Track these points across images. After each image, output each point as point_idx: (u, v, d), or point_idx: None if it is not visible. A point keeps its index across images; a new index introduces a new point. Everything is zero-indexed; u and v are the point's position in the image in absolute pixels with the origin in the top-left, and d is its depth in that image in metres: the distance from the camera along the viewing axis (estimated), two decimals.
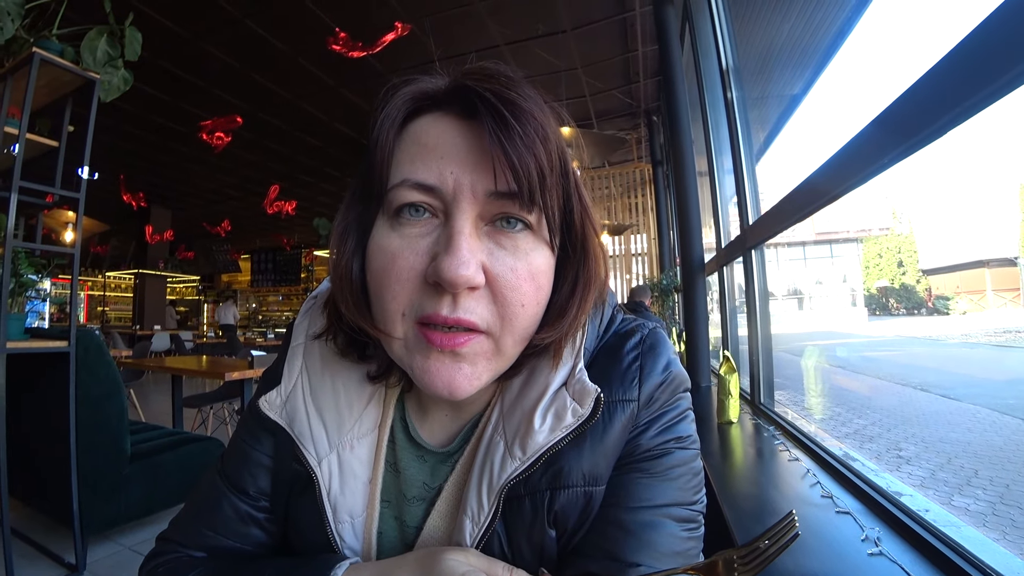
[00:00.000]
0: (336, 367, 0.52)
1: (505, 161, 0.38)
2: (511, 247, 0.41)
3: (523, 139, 0.38)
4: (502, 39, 4.87)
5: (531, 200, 0.39)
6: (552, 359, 0.47)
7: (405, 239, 0.41)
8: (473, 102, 0.40)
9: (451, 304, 0.39)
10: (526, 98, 0.40)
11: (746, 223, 1.99)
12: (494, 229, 0.41)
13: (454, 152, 0.40)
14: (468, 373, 0.41)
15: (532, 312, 0.42)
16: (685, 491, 0.46)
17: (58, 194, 2.22)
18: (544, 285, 0.43)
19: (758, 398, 1.90)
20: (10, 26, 2.06)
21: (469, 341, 0.41)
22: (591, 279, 0.45)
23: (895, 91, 0.75)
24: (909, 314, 8.25)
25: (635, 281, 7.46)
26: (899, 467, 2.90)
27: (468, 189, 0.40)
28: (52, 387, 2.16)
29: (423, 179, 0.40)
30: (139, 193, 8.89)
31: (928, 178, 7.64)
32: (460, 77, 0.42)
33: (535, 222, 0.42)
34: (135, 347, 6.28)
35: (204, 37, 4.77)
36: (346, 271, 0.45)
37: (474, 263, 0.39)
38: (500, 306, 0.41)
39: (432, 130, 0.42)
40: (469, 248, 0.39)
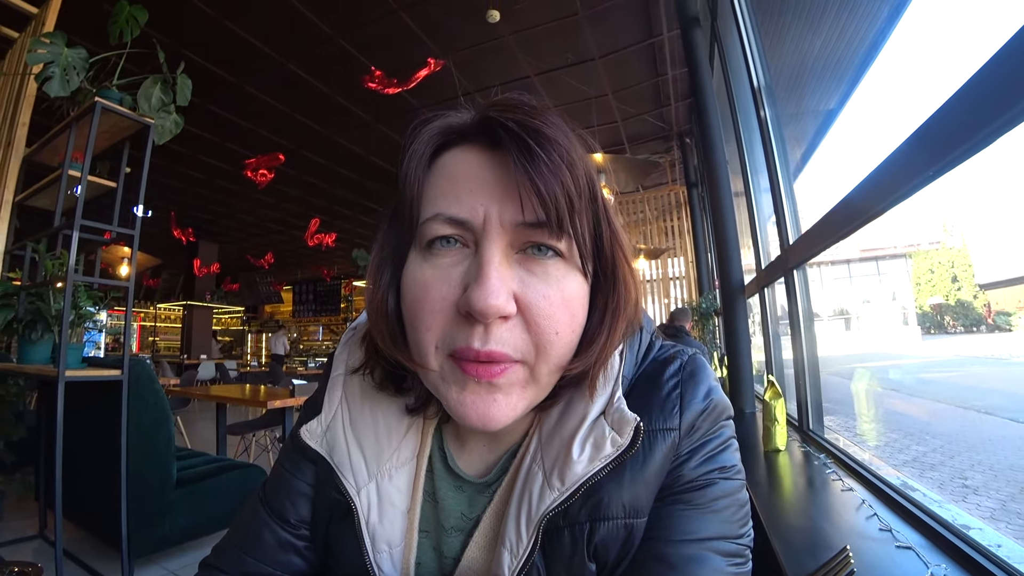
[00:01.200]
0: (375, 398, 0.52)
1: (531, 189, 0.38)
2: (542, 274, 0.41)
3: (548, 166, 0.38)
4: (532, 70, 4.97)
5: (560, 227, 0.39)
6: (587, 389, 0.46)
7: (437, 269, 0.41)
8: (498, 133, 0.40)
9: (483, 335, 0.39)
10: (550, 125, 0.40)
11: (786, 243, 1.94)
12: (525, 257, 0.41)
13: (482, 184, 0.41)
14: (503, 404, 0.41)
15: (567, 339, 0.42)
16: (731, 524, 0.44)
17: (115, 231, 2.36)
18: (578, 312, 0.43)
19: (806, 424, 1.81)
20: (76, 79, 2.24)
21: (505, 371, 0.40)
22: (620, 307, 0.44)
23: (937, 100, 0.72)
24: (967, 332, 7.78)
25: (673, 305, 7.32)
26: (965, 497, 2.70)
27: (496, 219, 0.40)
28: (104, 413, 2.26)
29: (454, 213, 0.41)
30: (188, 228, 9.38)
31: (981, 187, 7.26)
32: (484, 109, 0.42)
33: (566, 249, 0.41)
34: (182, 376, 6.53)
35: (249, 81, 5.06)
36: (382, 305, 0.46)
37: (504, 292, 0.39)
38: (534, 334, 0.40)
39: (460, 163, 0.42)
40: (499, 277, 0.39)
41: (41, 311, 2.30)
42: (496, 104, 0.42)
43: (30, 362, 2.34)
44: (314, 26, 4.24)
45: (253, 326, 17.04)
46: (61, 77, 2.20)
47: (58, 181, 2.36)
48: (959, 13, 1.27)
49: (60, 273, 2.27)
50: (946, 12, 1.51)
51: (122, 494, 2.10)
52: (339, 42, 4.47)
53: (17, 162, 2.59)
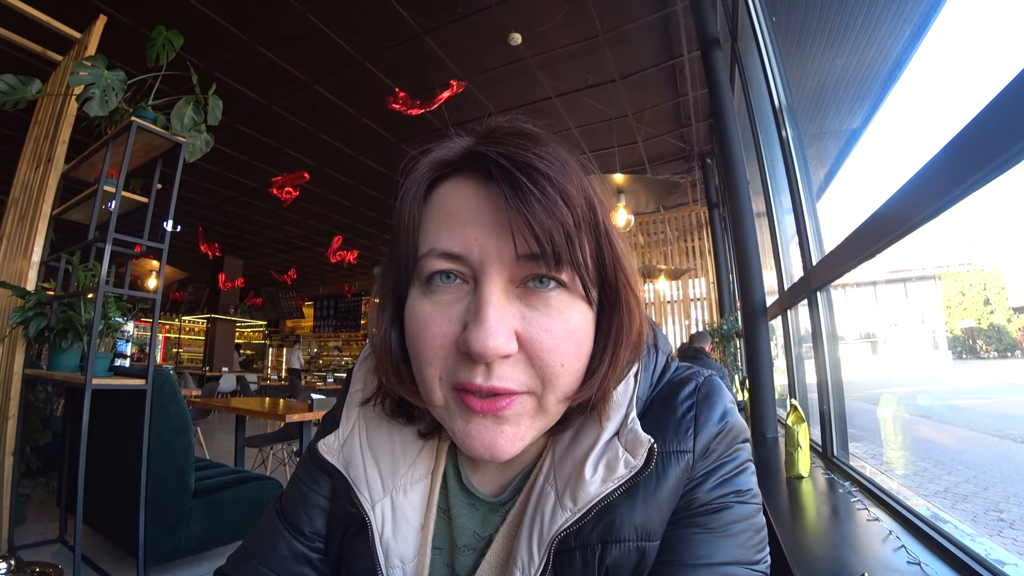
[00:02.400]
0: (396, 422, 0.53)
1: (525, 226, 0.37)
2: (544, 308, 0.40)
3: (541, 202, 0.37)
4: (553, 91, 5.03)
5: (557, 261, 0.38)
6: (596, 415, 0.45)
7: (437, 306, 0.41)
8: (488, 167, 0.39)
9: (485, 373, 0.39)
10: (543, 157, 0.39)
11: (809, 264, 1.91)
12: (526, 291, 0.41)
13: (477, 218, 0.40)
14: (510, 435, 0.41)
15: (573, 370, 0.41)
16: (746, 549, 0.43)
17: (145, 245, 2.43)
18: (584, 341, 0.42)
19: (831, 450, 1.76)
20: (114, 100, 2.34)
21: (511, 404, 0.40)
22: (623, 333, 0.43)
23: (965, 118, 0.71)
24: (1001, 357, 7.49)
25: (694, 327, 7.23)
26: (1000, 531, 2.58)
27: (494, 255, 0.39)
28: (126, 421, 2.30)
29: (449, 248, 0.40)
30: (215, 243, 9.62)
31: (1014, 206, 7.06)
32: (474, 142, 0.42)
33: (568, 279, 0.40)
34: (204, 387, 6.62)
35: (277, 102, 5.22)
36: (385, 341, 0.46)
37: (504, 333, 0.38)
38: (538, 368, 0.40)
39: (455, 197, 0.42)
40: (498, 317, 0.38)
41: (72, 320, 2.37)
42: (487, 136, 0.42)
43: (59, 369, 2.40)
44: (341, 50, 4.37)
45: (274, 340, 17.30)
46: (100, 98, 2.30)
47: (93, 196, 2.45)
48: (986, 29, 1.25)
49: (91, 284, 2.35)
50: (971, 29, 1.49)
51: (141, 502, 2.13)
52: (364, 65, 4.59)
53: (56, 178, 2.70)
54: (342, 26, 4.11)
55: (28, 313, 2.37)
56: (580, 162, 0.43)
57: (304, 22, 4.01)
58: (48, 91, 3.00)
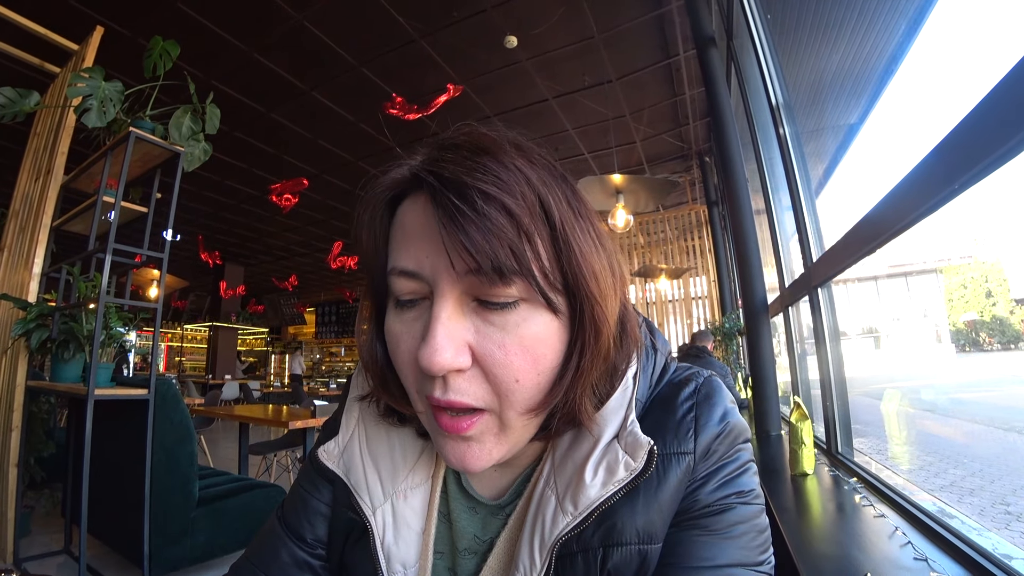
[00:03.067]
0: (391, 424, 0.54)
1: (460, 246, 0.37)
2: (500, 322, 0.39)
3: (473, 220, 0.36)
4: (550, 93, 5.04)
5: (500, 275, 0.37)
6: (583, 425, 0.44)
7: (404, 324, 0.42)
8: (424, 187, 0.40)
9: (443, 386, 0.40)
10: (476, 171, 0.38)
11: (809, 260, 1.90)
12: (480, 306, 0.40)
13: (426, 235, 0.40)
14: (477, 451, 0.42)
15: (531, 384, 0.40)
16: (749, 550, 0.43)
17: (145, 254, 2.43)
18: (545, 354, 0.41)
19: (835, 447, 1.75)
20: (112, 111, 2.35)
21: (473, 424, 0.41)
22: (588, 343, 0.41)
23: (962, 110, 0.71)
24: (1004, 349, 7.47)
25: (696, 326, 7.22)
26: (1008, 525, 2.57)
27: (443, 271, 0.39)
28: (130, 431, 2.30)
29: (404, 265, 0.41)
30: (215, 251, 9.63)
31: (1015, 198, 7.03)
32: (417, 163, 0.42)
33: (523, 292, 0.39)
34: (207, 395, 6.63)
35: (275, 109, 5.23)
36: (371, 353, 0.48)
37: (451, 348, 0.38)
38: (492, 383, 0.40)
39: (410, 214, 0.42)
40: (446, 333, 0.38)
41: (74, 331, 2.37)
42: (431, 153, 0.42)
43: (62, 380, 2.41)
44: (337, 55, 4.38)
45: (277, 347, 17.31)
46: (98, 109, 2.31)
47: (93, 207, 2.46)
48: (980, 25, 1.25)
49: (92, 295, 2.35)
50: (966, 24, 1.49)
51: (145, 511, 2.13)
52: (361, 70, 4.60)
53: (56, 189, 2.70)
54: (338, 32, 4.12)
55: (30, 325, 2.38)
56: (534, 166, 0.41)
57: (300, 29, 4.02)
58: (46, 103, 3.01)
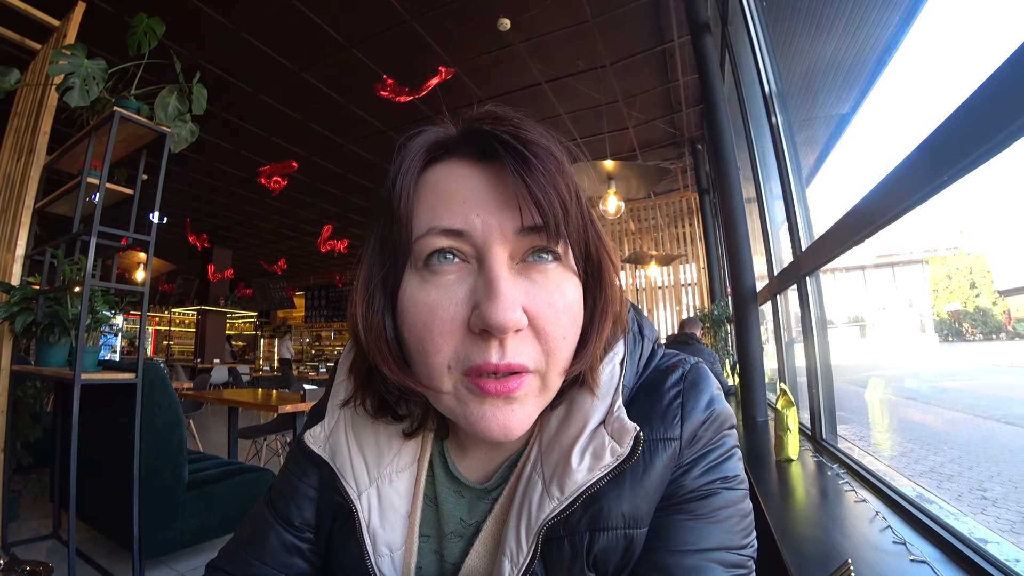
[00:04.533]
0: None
1: (529, 197, 0.39)
2: (544, 282, 0.41)
3: (544, 175, 0.39)
4: (543, 77, 4.99)
5: (557, 232, 0.40)
6: (587, 389, 0.46)
7: (441, 289, 0.40)
8: (489, 144, 0.41)
9: (500, 350, 0.39)
10: (541, 135, 0.41)
11: (798, 249, 1.92)
12: (526, 265, 0.42)
13: (476, 195, 0.41)
14: (520, 413, 0.41)
15: (572, 343, 0.43)
16: (733, 534, 0.44)
17: (132, 237, 2.40)
18: (579, 315, 0.43)
19: (819, 433, 1.78)
20: (95, 89, 2.29)
21: (521, 384, 0.40)
22: (607, 307, 0.45)
23: (952, 103, 0.71)
24: (986, 339, 7.61)
25: (685, 312, 7.27)
26: (984, 509, 2.64)
27: (497, 230, 0.40)
28: (118, 416, 2.29)
29: (449, 224, 0.40)
30: (203, 235, 9.51)
31: (1000, 191, 7.07)
32: (472, 122, 0.43)
33: (563, 253, 0.42)
34: (196, 379, 6.60)
35: (263, 90, 5.14)
36: (381, 332, 0.44)
37: (517, 307, 0.39)
38: (544, 343, 0.41)
39: (450, 176, 0.42)
40: (510, 290, 0.39)
41: (59, 315, 2.34)
42: (482, 117, 0.43)
43: (47, 365, 2.38)
44: (327, 36, 4.30)
45: (266, 331, 17.21)
46: (81, 87, 2.25)
47: (77, 188, 2.41)
48: (972, 19, 1.25)
49: (78, 278, 2.32)
50: (958, 18, 1.50)
51: (134, 496, 2.13)
52: (352, 51, 4.52)
53: (38, 170, 2.64)
54: (329, 12, 4.04)
55: (14, 308, 2.34)
56: (567, 147, 0.45)
57: (290, 8, 3.94)
58: (27, 81, 2.94)
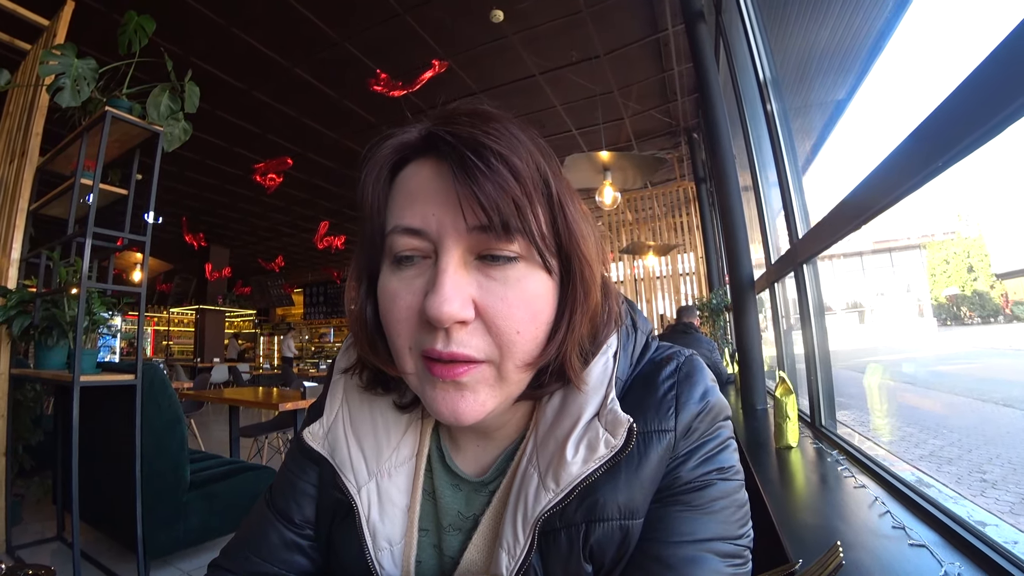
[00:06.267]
0: (374, 399, 0.54)
1: (472, 197, 0.39)
2: (501, 277, 0.42)
3: (486, 174, 0.39)
4: (537, 69, 4.96)
5: (505, 231, 0.40)
6: (572, 382, 0.46)
7: (403, 281, 0.43)
8: (439, 145, 0.42)
9: (445, 339, 0.41)
10: (489, 133, 0.41)
11: (795, 237, 1.92)
12: (484, 263, 0.42)
13: (433, 194, 0.42)
14: (471, 400, 0.42)
15: (530, 337, 0.42)
16: (729, 524, 0.44)
17: (127, 238, 2.39)
18: (542, 309, 0.43)
19: (818, 420, 1.79)
20: (86, 89, 2.27)
21: (468, 371, 0.42)
22: (578, 301, 0.45)
23: (949, 87, 0.71)
24: (984, 323, 7.64)
25: (684, 302, 7.28)
26: (983, 492, 2.66)
27: (450, 227, 0.41)
28: (119, 417, 2.29)
29: (410, 223, 0.42)
30: (199, 233, 9.48)
31: (997, 175, 7.08)
32: (430, 124, 0.44)
33: (523, 250, 0.42)
34: (196, 379, 6.60)
35: (256, 87, 5.10)
36: (360, 315, 0.49)
37: (459, 299, 0.40)
38: (495, 335, 0.41)
39: (415, 177, 0.44)
40: (453, 285, 0.40)
41: (56, 317, 2.34)
42: (440, 118, 0.44)
43: (46, 367, 2.38)
44: (320, 31, 4.27)
45: (265, 329, 17.21)
46: (72, 88, 2.24)
47: (71, 190, 2.40)
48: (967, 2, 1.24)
49: (74, 280, 2.31)
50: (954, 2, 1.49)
51: (137, 496, 2.13)
52: (344, 46, 4.49)
53: (31, 171, 2.63)
54: (320, 6, 4.01)
55: (11, 312, 2.34)
56: (534, 141, 0.45)
57: (282, 3, 3.90)
58: (18, 82, 2.91)
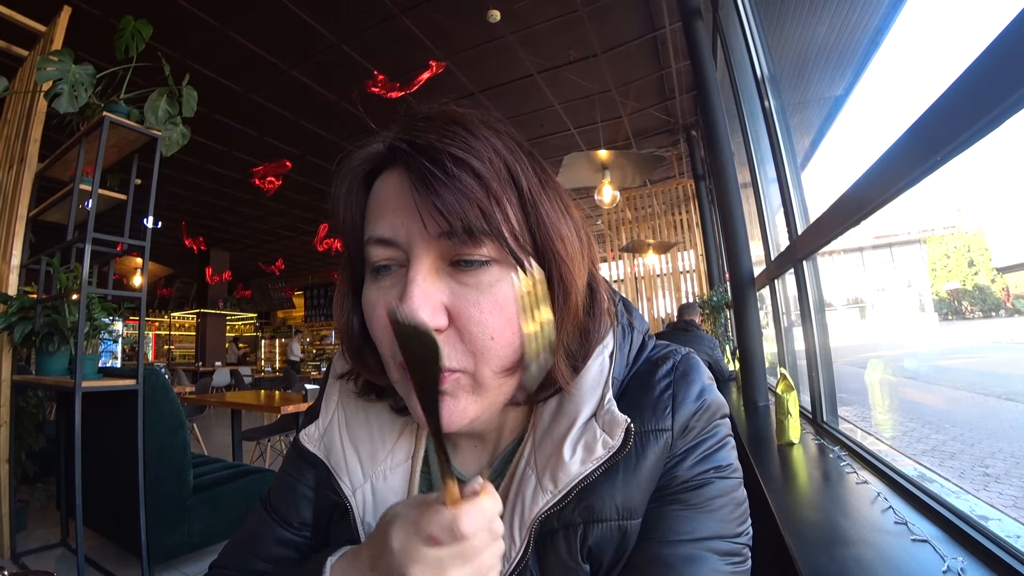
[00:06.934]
0: (369, 401, 0.54)
1: (431, 206, 0.39)
2: (474, 283, 0.41)
3: (443, 181, 0.39)
4: (535, 68, 4.96)
5: (471, 236, 0.39)
6: (563, 387, 0.46)
7: (380, 291, 0.44)
8: (398, 155, 0.42)
9: None
10: (445, 138, 0.40)
11: (795, 233, 1.92)
12: (456, 269, 0.42)
13: (401, 204, 0.42)
14: (452, 407, 0.42)
15: (505, 342, 0.42)
16: (727, 523, 0.44)
17: (127, 243, 2.39)
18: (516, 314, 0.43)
19: (820, 416, 1.79)
20: (84, 95, 2.27)
21: (445, 379, 0.41)
22: (555, 301, 0.44)
23: (947, 81, 0.71)
24: (985, 317, 7.63)
25: (684, 299, 7.27)
26: (986, 486, 2.66)
27: (419, 235, 0.41)
28: (121, 422, 2.29)
29: (381, 234, 0.43)
30: (199, 237, 9.49)
31: (997, 168, 7.06)
32: (392, 135, 0.44)
33: (496, 254, 0.41)
34: (197, 383, 6.60)
35: (254, 90, 5.10)
36: (347, 327, 0.49)
37: (428, 308, 0.40)
38: (468, 342, 0.41)
39: (385, 187, 0.44)
40: (422, 294, 0.40)
41: (57, 323, 2.34)
42: (404, 125, 0.44)
43: (48, 374, 2.38)
44: (316, 33, 4.27)
45: (266, 332, 17.20)
46: (70, 93, 2.24)
47: (70, 195, 2.40)
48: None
49: (74, 286, 2.31)
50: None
51: (140, 501, 2.14)
52: (341, 48, 4.49)
53: (30, 178, 2.63)
54: (316, 8, 4.01)
55: (12, 318, 2.34)
56: (501, 138, 0.44)
57: (277, 5, 3.90)
58: (15, 88, 2.92)
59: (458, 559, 0.35)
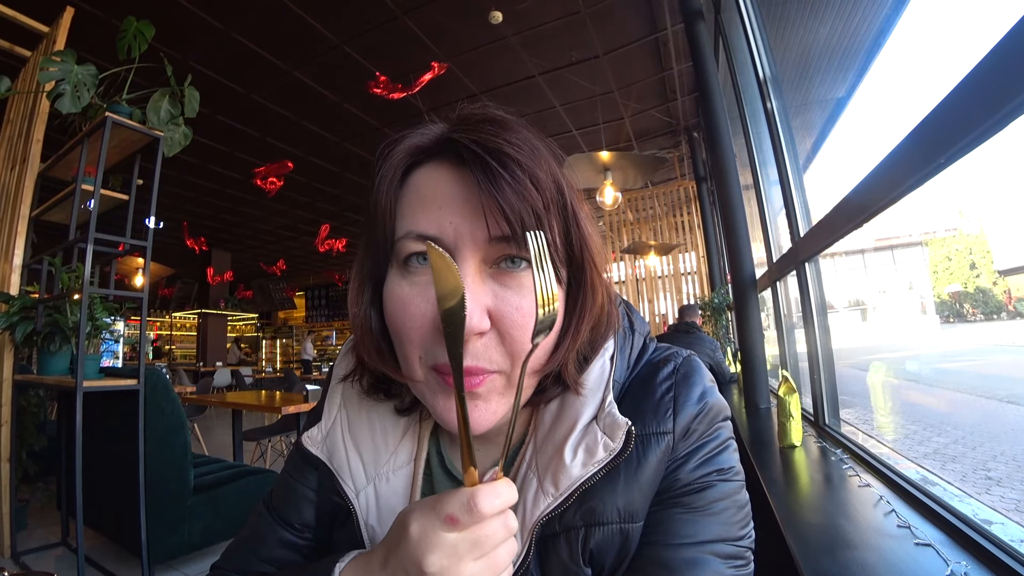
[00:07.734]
0: (372, 403, 0.54)
1: (497, 209, 0.39)
2: (516, 286, 0.42)
3: (511, 185, 0.39)
4: (537, 69, 4.96)
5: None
6: (571, 387, 0.46)
7: (415, 286, 0.42)
8: (462, 153, 0.41)
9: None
10: (512, 143, 0.41)
11: (797, 235, 1.91)
12: (499, 270, 0.42)
13: (451, 202, 0.42)
14: (484, 410, 0.42)
15: (542, 346, 0.42)
16: (730, 526, 0.44)
17: (128, 243, 2.39)
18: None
19: (822, 419, 1.78)
20: (86, 95, 2.28)
21: (483, 382, 0.42)
22: (586, 309, 0.45)
23: (952, 82, 0.70)
24: (987, 319, 7.61)
25: (685, 301, 7.26)
26: (988, 489, 2.65)
27: (468, 237, 0.41)
28: (122, 422, 2.29)
29: (424, 230, 0.42)
30: (201, 238, 9.50)
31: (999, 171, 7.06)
32: (447, 129, 0.44)
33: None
34: (198, 383, 6.60)
35: (256, 90, 5.11)
36: (366, 321, 0.48)
37: (477, 311, 0.40)
38: (509, 345, 0.41)
39: (429, 181, 0.43)
40: (472, 296, 0.39)
41: (59, 323, 2.34)
42: (460, 122, 0.43)
43: (49, 373, 2.38)
44: (319, 34, 4.27)
45: (267, 332, 17.21)
46: (72, 94, 2.24)
47: (72, 195, 2.40)
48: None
49: (76, 286, 2.32)
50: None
51: (141, 501, 2.14)
52: (344, 49, 4.49)
53: (32, 178, 2.64)
54: (319, 9, 4.01)
55: (13, 318, 2.34)
56: (549, 148, 0.45)
57: (279, 6, 3.91)
58: (18, 89, 2.92)
59: (475, 548, 0.34)
